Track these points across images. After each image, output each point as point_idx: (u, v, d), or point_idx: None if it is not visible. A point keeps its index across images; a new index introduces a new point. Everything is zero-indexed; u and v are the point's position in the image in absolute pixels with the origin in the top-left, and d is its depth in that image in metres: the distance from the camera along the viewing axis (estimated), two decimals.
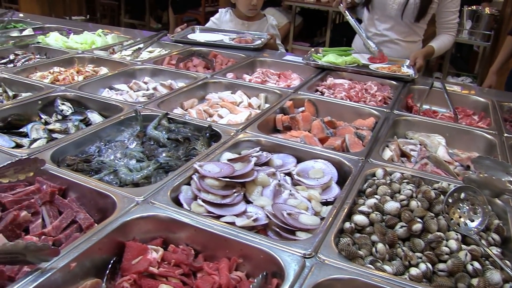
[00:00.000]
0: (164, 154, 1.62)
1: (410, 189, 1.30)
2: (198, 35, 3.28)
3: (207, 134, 1.74)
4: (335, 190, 1.47)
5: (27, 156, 1.49)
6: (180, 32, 3.31)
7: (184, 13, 9.19)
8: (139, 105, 1.98)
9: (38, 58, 2.81)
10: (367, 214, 1.23)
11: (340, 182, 1.51)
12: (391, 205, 1.24)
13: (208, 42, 3.13)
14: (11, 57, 2.77)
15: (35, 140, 1.74)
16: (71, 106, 2.04)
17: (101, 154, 1.66)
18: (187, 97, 2.23)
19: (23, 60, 2.73)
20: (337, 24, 8.51)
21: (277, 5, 8.16)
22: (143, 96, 2.22)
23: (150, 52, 3.05)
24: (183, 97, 2.20)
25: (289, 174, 1.54)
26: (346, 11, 2.89)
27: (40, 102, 2.04)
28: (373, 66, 2.74)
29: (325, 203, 1.41)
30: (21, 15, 4.01)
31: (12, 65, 2.69)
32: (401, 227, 1.18)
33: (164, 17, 10.86)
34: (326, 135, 1.87)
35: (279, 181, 1.47)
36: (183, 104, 2.18)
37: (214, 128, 1.77)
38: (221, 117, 2.01)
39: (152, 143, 1.73)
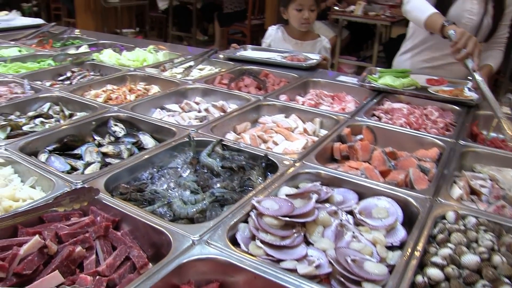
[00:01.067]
0: (218, 185, 1.56)
1: (490, 240, 1.18)
2: (249, 53, 3.23)
3: (263, 164, 1.67)
4: (401, 232, 1.36)
5: (82, 184, 1.46)
6: (231, 50, 3.27)
7: (230, 26, 9.22)
8: (192, 129, 1.94)
9: (92, 75, 2.83)
10: (441, 267, 1.12)
11: (405, 223, 1.40)
12: (470, 259, 1.12)
13: (259, 59, 3.07)
14: (68, 74, 2.81)
15: (89, 164, 1.71)
16: (123, 127, 2.02)
17: (154, 181, 1.62)
18: (240, 120, 2.17)
19: (78, 77, 2.75)
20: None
21: (323, 19, 8.07)
22: (196, 119, 2.18)
23: (201, 69, 3.03)
24: (236, 120, 2.15)
25: (350, 212, 1.45)
26: (477, 74, 2.32)
27: (94, 122, 2.03)
28: (432, 89, 2.61)
29: (390, 247, 1.32)
30: (77, 31, 4.08)
31: (68, 82, 2.72)
32: (484, 286, 1.07)
33: (210, 29, 10.96)
34: (388, 168, 1.77)
35: (341, 220, 1.38)
36: (236, 128, 2.12)
37: (270, 157, 1.70)
38: (276, 144, 1.94)
39: (205, 171, 1.68)
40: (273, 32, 3.52)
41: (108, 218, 1.34)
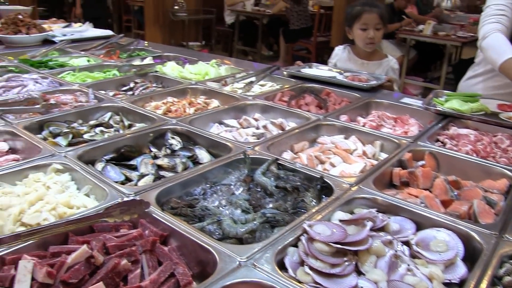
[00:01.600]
0: (271, 205, 1.52)
1: None
2: (312, 71, 3.17)
3: (318, 186, 1.61)
4: (461, 269, 1.26)
5: (134, 196, 1.47)
6: (294, 67, 3.23)
7: (296, 42, 9.23)
8: (248, 146, 1.91)
9: (154, 86, 2.88)
10: None
11: (467, 259, 1.30)
12: None
13: (320, 77, 3.00)
14: (131, 84, 2.87)
15: (143, 176, 1.72)
16: (180, 140, 2.03)
17: (205, 197, 1.60)
18: (298, 139, 2.12)
19: (141, 88, 2.81)
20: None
21: (390, 38, 7.91)
22: (253, 135, 2.16)
23: (262, 86, 3.01)
24: (293, 139, 2.10)
25: (407, 243, 1.36)
26: None
27: (151, 134, 2.05)
28: (504, 115, 2.45)
29: (448, 284, 1.22)
30: (146, 43, 4.20)
31: (131, 93, 2.79)
32: None
33: (276, 44, 11.02)
34: (450, 198, 1.66)
35: (395, 251, 1.29)
36: (293, 147, 2.08)
37: (326, 180, 1.64)
38: (333, 165, 1.88)
39: (259, 189, 1.64)
40: (340, 52, 3.46)
41: (157, 232, 1.33)
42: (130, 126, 2.20)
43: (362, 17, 3.22)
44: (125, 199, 1.45)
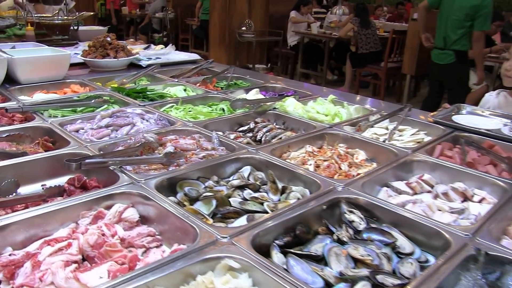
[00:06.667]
0: None
1: None
2: (466, 117, 2.61)
3: None
4: None
5: None
6: (441, 112, 2.68)
7: (364, 67, 8.71)
8: (465, 233, 1.40)
9: (278, 128, 2.41)
10: None
11: None
12: None
13: (481, 130, 2.37)
14: (251, 125, 2.41)
15: (345, 279, 1.23)
16: (362, 216, 1.54)
17: None
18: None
19: (264, 130, 2.35)
20: None
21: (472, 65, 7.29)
22: (451, 212, 1.64)
23: (400, 131, 2.50)
24: (507, 220, 1.58)
25: None
26: None
27: (324, 206, 1.56)
28: None
29: None
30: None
31: (251, 135, 2.34)
32: None
33: (336, 69, 10.57)
34: None
35: None
36: (507, 230, 1.55)
37: None
38: None
39: None
40: (492, 98, 2.91)
41: None
42: (283, 189, 1.72)
43: None
44: None
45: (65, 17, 4.83)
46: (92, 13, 5.99)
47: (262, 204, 1.58)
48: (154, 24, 12.91)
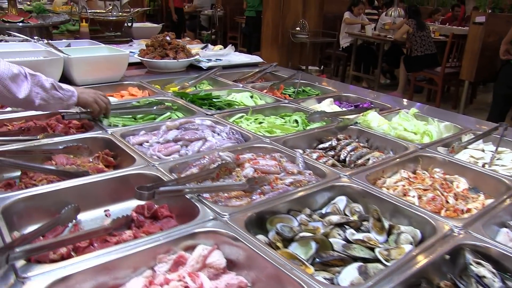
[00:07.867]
0: None
1: None
2: None
3: None
4: None
5: None
6: None
7: (419, 72, 8.30)
8: None
9: (362, 146, 2.16)
10: None
11: None
12: None
13: None
14: (333, 143, 2.17)
15: None
16: (493, 270, 1.27)
17: None
18: None
19: (348, 149, 2.10)
20: None
21: None
22: None
23: (499, 153, 2.20)
24: None
25: None
26: None
27: (448, 256, 1.30)
28: None
29: None
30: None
31: (332, 153, 2.10)
32: None
33: (388, 73, 10.19)
34: None
35: None
36: None
37: None
38: None
39: None
40: None
41: None
42: (390, 229, 1.46)
43: None
44: None
45: (119, 13, 4.69)
46: (147, 9, 5.85)
47: (370, 249, 1.33)
48: (202, 21, 12.79)
